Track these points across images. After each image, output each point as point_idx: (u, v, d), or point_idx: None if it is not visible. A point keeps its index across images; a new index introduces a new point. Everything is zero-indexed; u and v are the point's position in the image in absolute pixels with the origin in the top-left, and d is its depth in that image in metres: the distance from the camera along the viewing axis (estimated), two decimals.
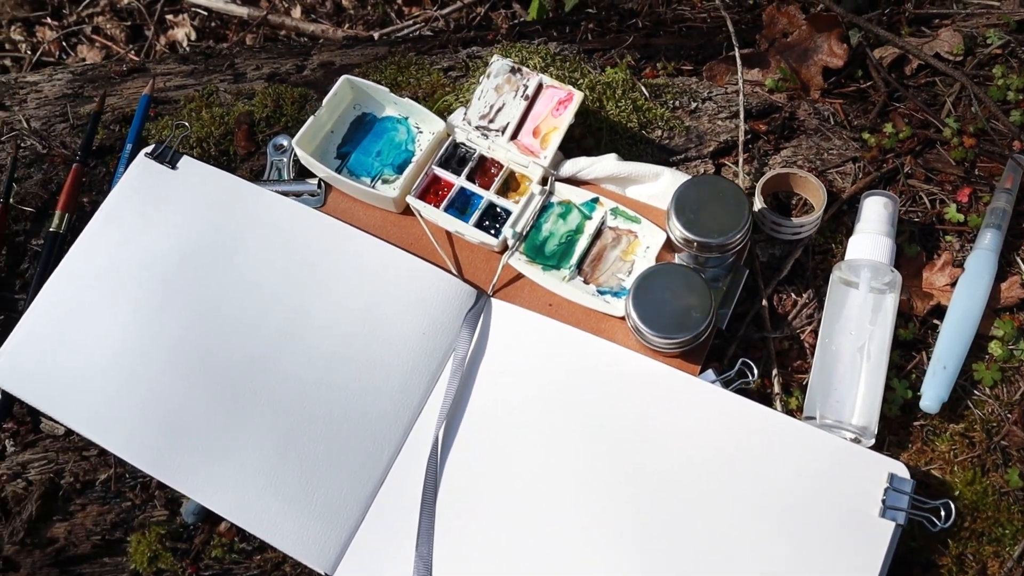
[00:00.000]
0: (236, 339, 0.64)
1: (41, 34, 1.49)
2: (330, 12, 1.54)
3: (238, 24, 1.48)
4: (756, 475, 0.57)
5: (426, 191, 0.67)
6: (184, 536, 0.65)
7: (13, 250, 0.74)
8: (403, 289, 0.64)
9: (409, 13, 1.52)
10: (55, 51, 1.44)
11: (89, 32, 1.47)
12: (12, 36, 1.47)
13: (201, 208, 0.68)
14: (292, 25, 1.41)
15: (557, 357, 0.62)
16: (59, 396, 0.65)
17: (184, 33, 1.51)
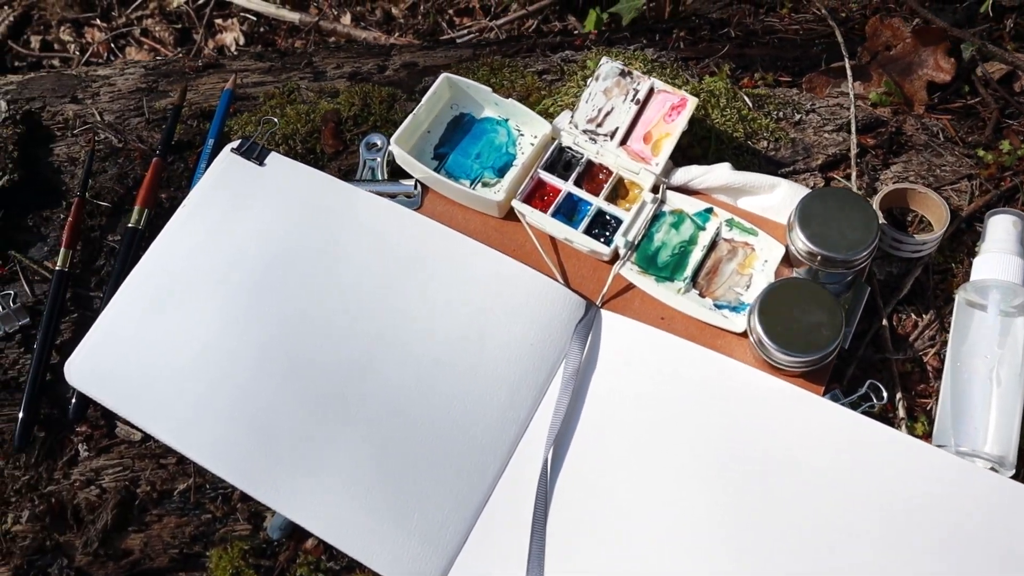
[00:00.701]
0: (330, 344, 0.60)
1: (90, 35, 1.47)
2: (380, 20, 1.52)
3: (287, 30, 1.46)
4: (899, 507, 0.54)
5: (531, 196, 0.64)
6: (268, 552, 0.61)
7: (88, 245, 0.71)
8: (510, 297, 0.60)
9: (461, 24, 1.50)
10: (103, 52, 1.41)
11: (138, 34, 1.45)
12: (61, 36, 1.44)
13: (292, 206, 0.65)
14: (343, 32, 1.39)
15: (674, 372, 0.58)
16: (137, 399, 0.61)
17: (232, 38, 1.48)
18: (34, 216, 0.73)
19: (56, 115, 0.79)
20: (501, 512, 0.57)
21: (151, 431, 0.61)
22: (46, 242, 0.72)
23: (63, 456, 0.64)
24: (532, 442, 0.58)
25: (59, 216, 0.72)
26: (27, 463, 0.64)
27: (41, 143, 0.77)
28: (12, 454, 0.64)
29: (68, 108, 0.80)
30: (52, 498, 0.63)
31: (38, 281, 0.70)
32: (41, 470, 0.64)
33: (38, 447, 0.65)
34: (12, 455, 0.64)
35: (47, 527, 0.63)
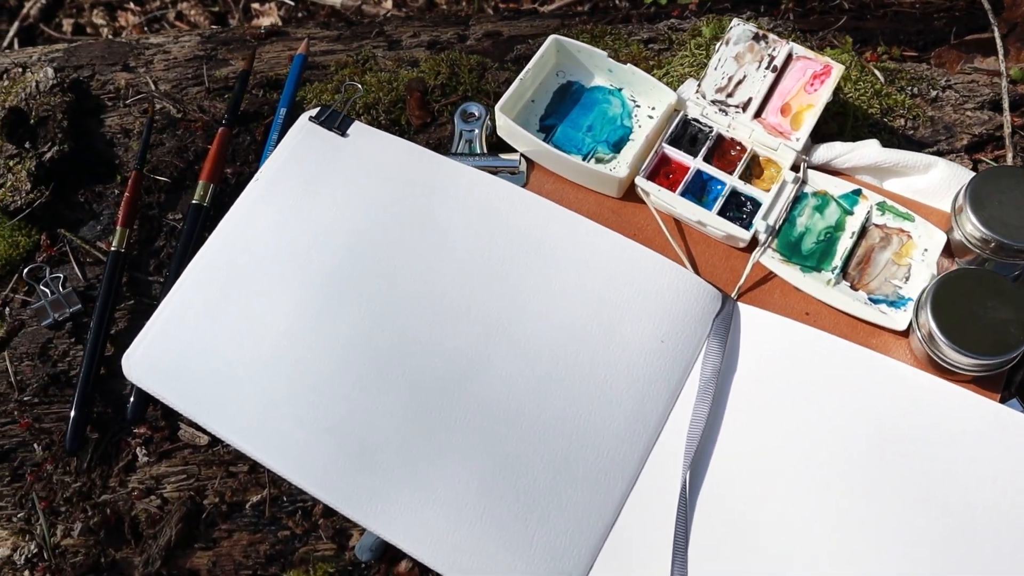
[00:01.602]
0: (431, 338, 0.52)
1: (123, 19, 1.39)
2: (422, 6, 1.44)
3: (326, 15, 1.38)
4: None
5: (654, 173, 0.56)
6: (355, 575, 0.52)
7: (146, 224, 0.63)
8: (638, 288, 0.52)
9: (507, 7, 1.42)
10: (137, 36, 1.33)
11: (172, 18, 1.37)
12: (94, 20, 1.36)
13: (380, 181, 0.57)
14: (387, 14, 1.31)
15: (828, 375, 0.50)
16: (204, 398, 0.53)
17: (270, 22, 1.40)
18: (85, 192, 0.64)
19: (106, 84, 0.71)
20: (631, 535, 0.49)
21: (220, 434, 0.53)
22: (99, 220, 0.63)
23: (119, 461, 0.56)
24: (664, 454, 0.50)
25: (113, 192, 0.64)
26: (79, 468, 0.56)
27: (91, 113, 0.69)
28: (63, 457, 0.56)
29: (120, 76, 0.72)
30: (107, 509, 0.55)
31: (90, 263, 0.62)
32: (95, 476, 0.56)
33: (91, 450, 0.56)
34: (63, 458, 0.56)
35: (101, 541, 0.54)
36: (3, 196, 0.62)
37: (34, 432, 0.58)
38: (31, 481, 0.57)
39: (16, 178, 0.62)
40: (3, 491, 0.57)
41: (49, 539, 0.55)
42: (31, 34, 1.35)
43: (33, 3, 1.36)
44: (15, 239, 0.62)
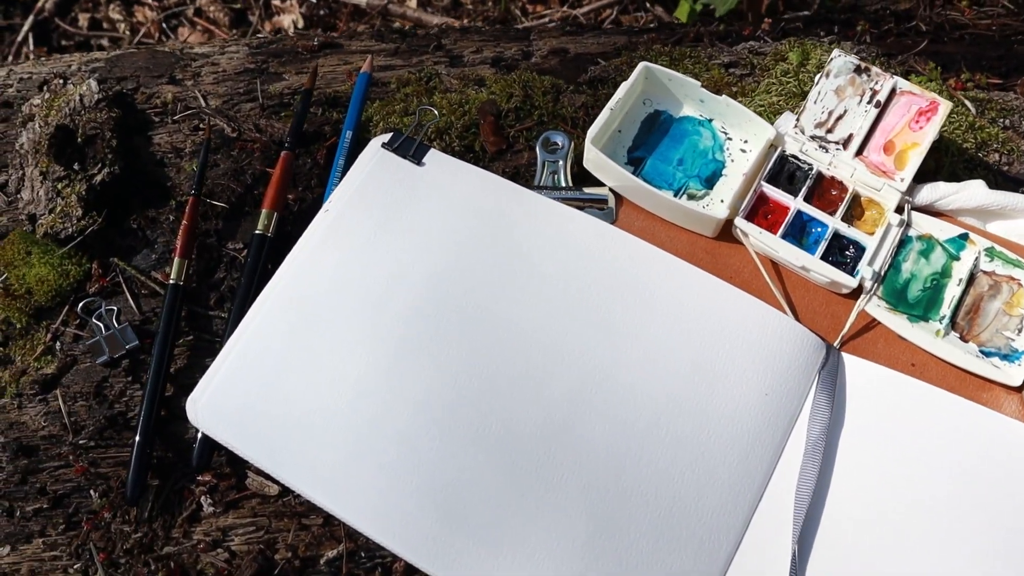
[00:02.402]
0: (524, 388, 0.49)
1: (141, 14, 1.33)
2: (447, 6, 1.40)
3: (349, 13, 1.33)
4: None
5: (751, 213, 0.52)
6: None
7: (204, 253, 0.59)
8: (741, 337, 0.49)
9: (534, 11, 1.38)
10: (155, 33, 1.28)
11: (191, 14, 1.32)
12: (111, 15, 1.31)
13: (462, 216, 0.53)
14: (414, 16, 1.26)
15: (939, 433, 0.48)
16: (276, 446, 0.50)
17: (291, 20, 1.35)
18: (138, 217, 0.60)
19: (152, 97, 0.67)
20: None
21: (294, 485, 0.50)
22: (153, 248, 0.59)
23: (183, 510, 0.53)
24: (769, 514, 0.47)
25: (168, 217, 0.60)
26: (139, 517, 0.53)
27: (137, 130, 0.65)
28: (121, 505, 0.53)
29: (166, 89, 0.67)
30: (171, 562, 0.52)
31: (145, 295, 0.58)
32: (156, 527, 0.53)
33: (152, 498, 0.53)
34: (122, 506, 0.53)
35: None
36: (53, 222, 0.57)
37: (90, 477, 0.54)
38: (88, 530, 0.53)
39: (66, 203, 0.58)
40: (58, 540, 0.53)
41: None
42: (45, 29, 1.30)
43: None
44: (65, 268, 0.58)
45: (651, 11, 1.34)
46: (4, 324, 0.58)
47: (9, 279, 0.58)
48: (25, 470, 0.55)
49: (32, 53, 1.28)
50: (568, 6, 1.38)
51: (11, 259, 0.59)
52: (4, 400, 0.57)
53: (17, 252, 0.59)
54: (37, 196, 0.59)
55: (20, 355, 0.58)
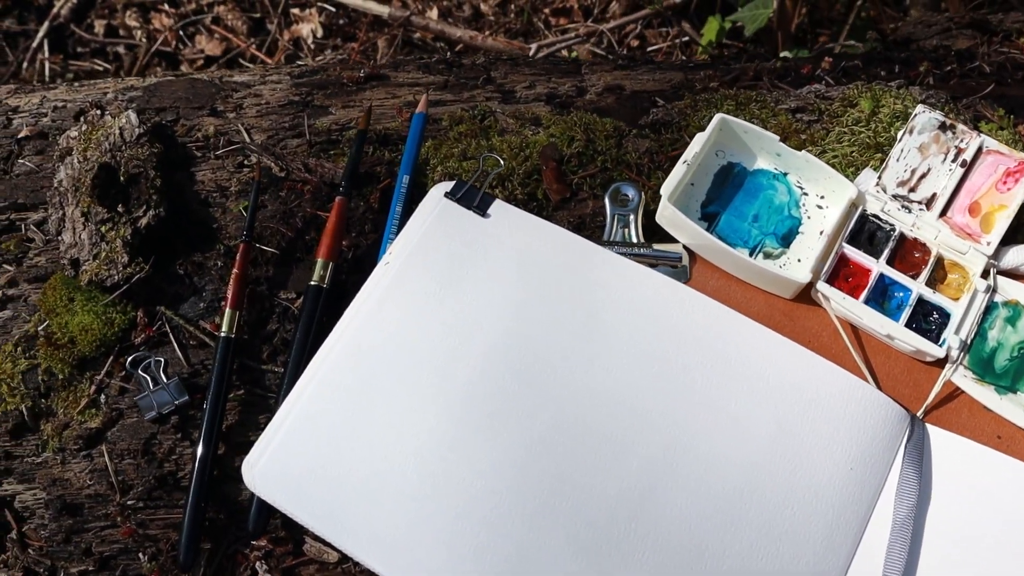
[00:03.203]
0: (597, 460, 0.47)
1: (157, 21, 1.30)
2: (468, 17, 1.37)
3: (369, 24, 1.30)
4: None
5: (832, 275, 0.50)
6: None
7: (255, 303, 0.57)
8: (824, 408, 0.48)
9: (557, 24, 1.36)
10: (172, 41, 1.25)
11: (208, 22, 1.28)
12: (127, 22, 1.28)
13: (532, 274, 0.51)
14: (436, 29, 1.24)
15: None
16: (336, 513, 0.48)
17: (310, 29, 1.33)
18: (184, 262, 0.58)
19: (192, 130, 0.65)
20: None
21: (353, 553, 0.48)
22: (201, 297, 0.57)
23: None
24: None
25: (215, 262, 0.58)
26: None
27: (179, 165, 0.63)
28: (171, 570, 0.51)
29: (207, 122, 0.65)
30: None
31: (194, 346, 0.56)
32: None
33: (204, 564, 0.51)
34: (172, 570, 0.51)
35: None
36: (98, 269, 0.55)
37: (138, 539, 0.52)
38: None
39: (111, 248, 0.56)
40: None
41: None
42: (60, 35, 1.27)
43: (64, 2, 1.27)
44: (109, 316, 0.55)
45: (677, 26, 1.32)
46: (46, 374, 0.56)
47: (51, 326, 0.56)
48: (70, 530, 0.53)
49: (47, 60, 1.25)
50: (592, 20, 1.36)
51: (53, 305, 0.56)
52: (46, 454, 0.55)
53: (59, 298, 0.56)
54: (80, 240, 0.57)
55: (63, 407, 0.55)
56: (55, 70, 1.24)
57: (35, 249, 0.61)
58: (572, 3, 1.38)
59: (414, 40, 1.36)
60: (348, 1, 1.25)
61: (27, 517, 0.55)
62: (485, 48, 1.24)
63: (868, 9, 1.18)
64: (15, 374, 0.56)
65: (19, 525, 0.54)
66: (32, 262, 0.61)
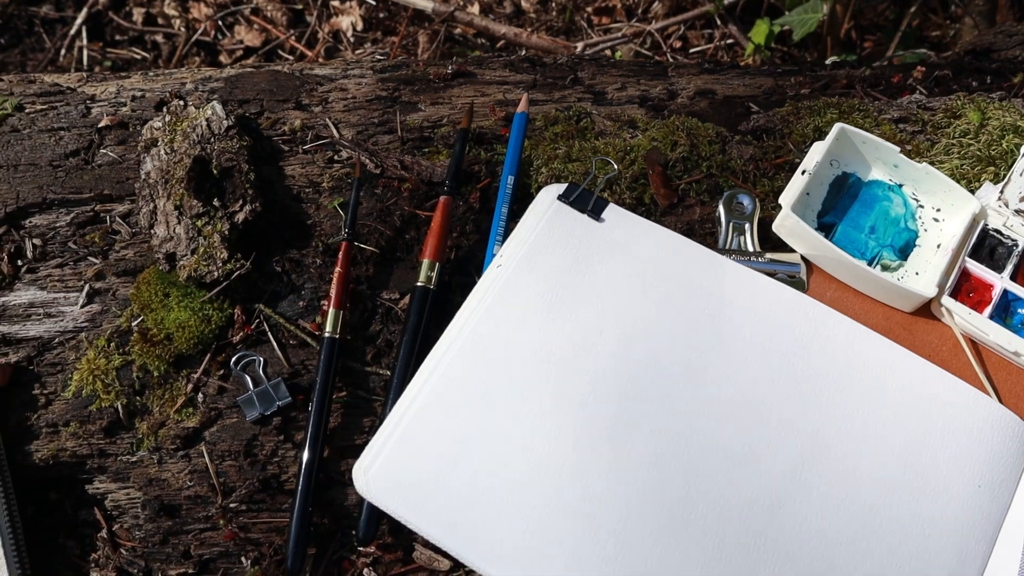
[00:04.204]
0: (728, 468, 0.47)
1: (196, 10, 1.29)
2: (509, 14, 1.37)
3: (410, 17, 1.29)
4: None
5: (956, 290, 0.50)
6: None
7: (356, 302, 0.56)
8: (951, 423, 0.48)
9: (599, 23, 1.36)
10: (211, 31, 1.24)
11: (247, 13, 1.28)
12: (166, 11, 1.27)
13: (650, 280, 0.51)
14: (480, 24, 1.23)
15: None
16: (454, 520, 0.47)
17: (350, 22, 1.32)
18: (281, 259, 0.57)
19: (277, 123, 0.64)
20: None
21: (470, 561, 0.47)
22: (300, 295, 0.57)
23: None
24: None
25: (312, 260, 0.58)
26: None
27: (267, 160, 0.62)
28: (274, 574, 0.50)
29: (293, 115, 0.64)
30: None
31: (293, 346, 0.55)
32: None
33: (310, 569, 0.50)
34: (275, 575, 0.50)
35: None
36: (196, 264, 0.54)
37: (239, 543, 0.52)
38: None
39: (209, 243, 0.55)
40: None
41: None
42: (98, 22, 1.25)
43: None
44: (206, 313, 0.55)
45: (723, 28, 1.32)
46: (141, 371, 0.55)
47: (146, 322, 0.55)
48: (168, 531, 0.53)
49: (86, 47, 1.24)
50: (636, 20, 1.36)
51: (147, 300, 0.56)
52: (141, 453, 0.54)
53: (154, 293, 0.56)
54: (176, 234, 0.56)
55: (158, 405, 0.55)
56: (94, 58, 1.23)
57: (121, 242, 0.61)
58: (615, 2, 1.38)
59: (455, 36, 1.36)
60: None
61: (116, 516, 0.54)
62: (529, 45, 1.24)
63: (916, 17, 1.19)
64: (109, 370, 0.55)
65: (108, 524, 0.54)
66: (119, 255, 0.60)
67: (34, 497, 0.55)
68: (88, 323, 0.58)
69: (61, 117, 0.67)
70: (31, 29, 1.29)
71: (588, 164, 0.59)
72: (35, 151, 0.64)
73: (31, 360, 0.57)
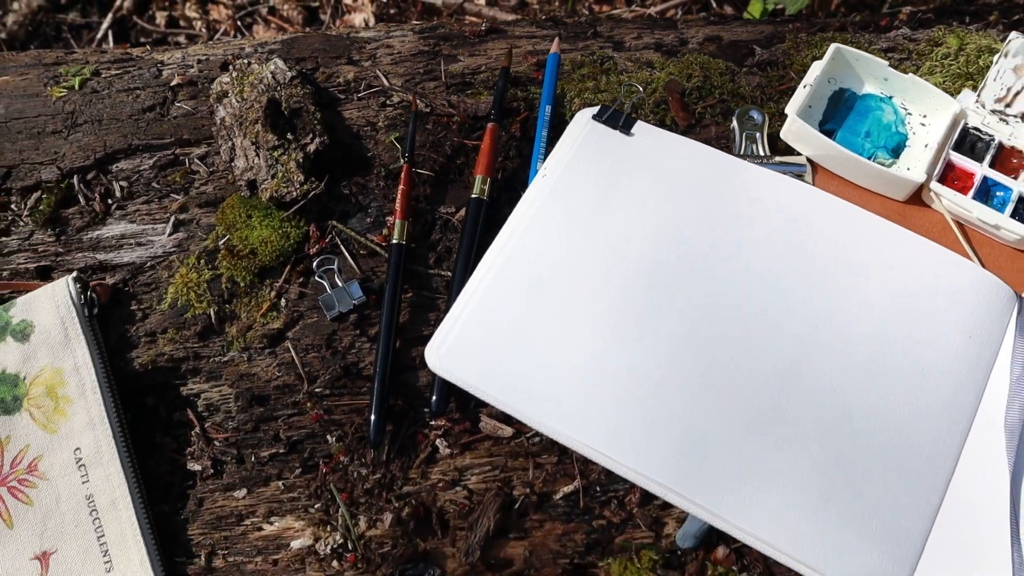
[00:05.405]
0: (753, 335, 0.57)
1: (215, 12, 1.41)
2: (514, 6, 1.49)
3: (420, 11, 1.41)
4: None
5: (941, 179, 0.60)
6: (674, 563, 0.56)
7: (417, 217, 0.66)
8: (941, 286, 0.58)
9: (600, 10, 1.47)
10: (231, 31, 1.36)
11: (265, 12, 1.39)
12: (187, 13, 1.38)
13: (675, 184, 0.61)
14: (488, 15, 1.35)
15: None
16: (519, 385, 0.56)
17: (362, 18, 1.44)
18: (348, 184, 0.67)
19: (332, 77, 0.74)
20: (957, 522, 0.53)
21: (535, 420, 0.56)
22: (367, 212, 0.66)
23: (419, 453, 0.59)
24: (977, 443, 0.55)
25: (376, 184, 0.68)
26: (376, 460, 0.59)
27: (326, 106, 0.72)
28: (357, 449, 0.59)
29: (346, 69, 0.75)
30: (412, 499, 0.58)
31: (363, 256, 0.65)
32: (394, 469, 0.59)
33: (387, 443, 0.59)
34: (357, 451, 0.59)
35: (409, 533, 0.57)
36: (277, 187, 0.64)
37: (324, 424, 0.60)
38: (326, 472, 0.59)
39: (286, 169, 0.65)
40: (295, 482, 0.60)
41: (353, 529, 0.58)
42: (123, 26, 1.37)
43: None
44: (285, 230, 0.64)
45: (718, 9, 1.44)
46: (229, 283, 0.64)
47: (231, 240, 0.65)
48: (259, 418, 0.61)
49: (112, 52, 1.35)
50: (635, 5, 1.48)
51: (232, 221, 0.65)
52: (232, 353, 0.63)
53: (238, 215, 0.65)
54: (255, 164, 0.66)
55: (245, 312, 0.64)
56: None
57: (200, 180, 0.71)
58: None
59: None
60: None
61: (209, 415, 0.63)
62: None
63: None
64: (200, 283, 0.65)
65: (201, 422, 0.63)
66: (199, 190, 0.70)
67: (132, 403, 0.64)
68: (176, 248, 0.68)
69: (135, 79, 0.77)
70: (59, 35, 1.41)
71: (616, 94, 0.69)
72: (116, 108, 0.75)
73: (126, 283, 0.67)
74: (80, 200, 0.70)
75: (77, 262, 0.68)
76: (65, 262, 0.68)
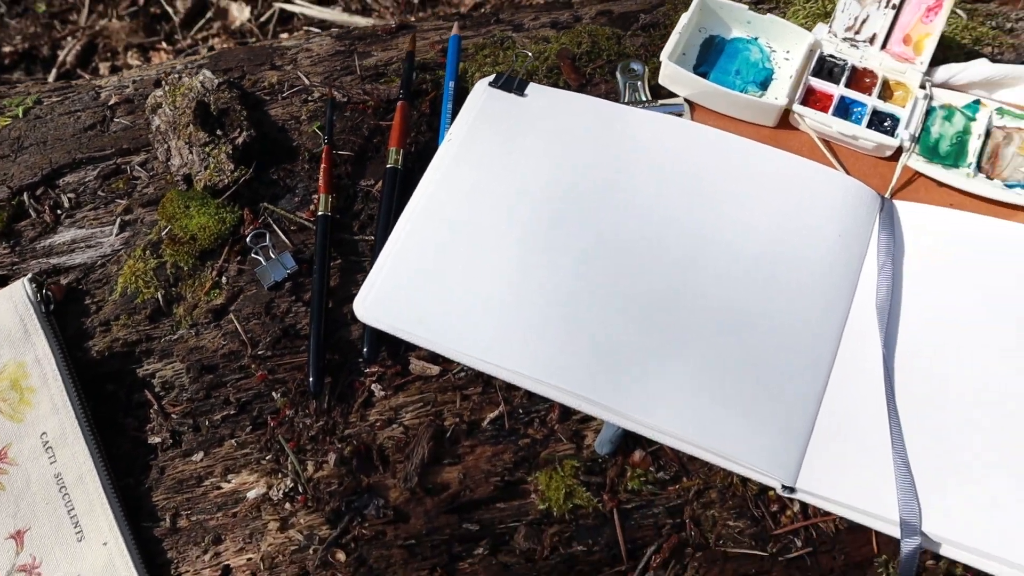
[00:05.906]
0: (645, 256, 0.64)
1: (157, 59, 1.49)
2: None
3: None
4: None
5: (803, 102, 0.68)
6: (595, 469, 0.62)
7: (340, 192, 0.74)
8: (813, 193, 0.65)
9: None
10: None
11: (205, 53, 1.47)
12: (129, 61, 1.47)
13: (566, 133, 0.69)
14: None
15: (990, 254, 0.63)
16: (441, 324, 0.63)
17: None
18: (276, 169, 0.74)
19: (258, 82, 0.82)
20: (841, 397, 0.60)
21: (460, 354, 0.62)
22: (295, 193, 0.74)
23: (356, 399, 0.65)
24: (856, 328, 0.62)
25: (302, 167, 0.75)
26: (318, 409, 0.65)
27: (254, 107, 0.80)
28: (300, 402, 0.65)
29: (269, 74, 0.82)
30: (354, 440, 0.64)
31: (294, 231, 0.72)
32: (335, 415, 0.65)
33: (327, 393, 0.65)
34: (301, 403, 0.65)
35: (353, 470, 0.63)
36: (209, 177, 0.71)
37: (269, 383, 0.67)
38: (274, 426, 0.65)
39: (217, 160, 0.72)
40: (247, 439, 0.66)
41: (302, 473, 0.64)
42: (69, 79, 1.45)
43: (68, 50, 1.46)
44: (221, 215, 0.71)
45: None
46: (173, 268, 0.71)
47: (173, 230, 0.72)
48: (210, 385, 0.68)
49: None
50: None
51: (172, 213, 0.72)
52: (181, 331, 0.70)
53: (177, 207, 0.72)
54: (189, 159, 0.73)
55: (190, 292, 0.71)
56: None
57: (142, 183, 0.78)
58: None
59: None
60: (332, 18, 1.44)
61: (164, 393, 0.69)
62: None
63: None
64: (147, 271, 0.71)
65: (158, 400, 0.69)
66: (142, 192, 0.77)
67: (93, 391, 0.70)
68: (124, 245, 0.74)
69: (75, 103, 0.85)
70: None
71: (511, 65, 0.77)
72: (59, 129, 0.82)
73: (79, 281, 0.73)
74: (31, 214, 0.77)
75: (32, 268, 0.74)
76: (21, 270, 0.75)
